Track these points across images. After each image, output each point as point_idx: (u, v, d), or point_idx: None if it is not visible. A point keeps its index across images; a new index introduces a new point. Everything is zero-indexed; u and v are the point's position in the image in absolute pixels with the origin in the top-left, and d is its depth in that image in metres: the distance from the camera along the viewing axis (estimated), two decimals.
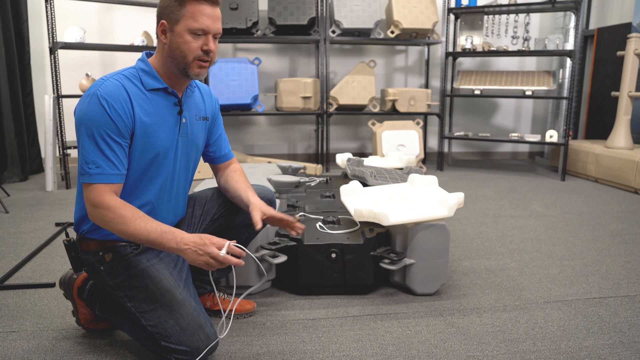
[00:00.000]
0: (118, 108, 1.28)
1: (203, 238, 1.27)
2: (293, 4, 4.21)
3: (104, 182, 1.27)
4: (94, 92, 1.27)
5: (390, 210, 1.85)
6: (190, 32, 1.30)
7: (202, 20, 1.30)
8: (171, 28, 1.32)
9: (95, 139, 1.27)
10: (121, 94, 1.30)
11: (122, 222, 1.26)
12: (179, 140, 1.43)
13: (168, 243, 1.27)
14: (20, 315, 1.72)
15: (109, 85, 1.29)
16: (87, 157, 1.27)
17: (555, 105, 4.94)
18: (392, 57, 5.10)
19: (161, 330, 1.34)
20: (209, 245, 1.26)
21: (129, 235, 1.27)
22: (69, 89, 4.36)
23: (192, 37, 1.31)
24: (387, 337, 1.60)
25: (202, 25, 1.30)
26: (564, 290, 1.98)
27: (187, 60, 1.33)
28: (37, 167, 4.44)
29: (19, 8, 4.17)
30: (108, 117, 1.26)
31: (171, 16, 1.31)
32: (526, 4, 4.29)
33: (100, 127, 1.26)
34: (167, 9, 1.31)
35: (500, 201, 3.48)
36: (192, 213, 1.61)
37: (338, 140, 5.14)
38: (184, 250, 1.26)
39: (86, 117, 1.27)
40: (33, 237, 2.59)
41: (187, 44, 1.31)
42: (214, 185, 1.97)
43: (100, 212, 1.27)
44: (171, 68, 1.36)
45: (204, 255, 1.25)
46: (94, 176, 1.27)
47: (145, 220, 1.28)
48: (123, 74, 1.34)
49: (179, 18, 1.30)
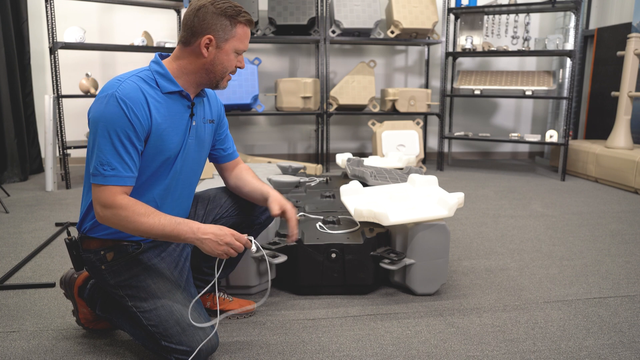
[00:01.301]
0: (136, 110, 1.28)
1: (223, 229, 1.33)
2: (293, 4, 4.22)
3: (117, 184, 1.28)
4: (112, 94, 1.27)
5: (390, 210, 1.85)
6: (235, 51, 1.40)
7: (246, 42, 1.42)
8: (218, 45, 1.37)
9: (113, 141, 1.26)
10: (139, 96, 1.30)
11: (136, 219, 1.27)
12: (188, 143, 1.44)
13: (184, 234, 1.30)
14: (20, 315, 1.72)
15: (126, 87, 1.29)
16: (103, 159, 1.26)
17: (555, 105, 4.94)
18: (392, 57, 5.10)
19: (162, 330, 1.34)
20: (229, 236, 1.32)
21: (144, 231, 1.28)
22: (69, 89, 4.36)
23: (235, 55, 1.41)
24: (387, 337, 1.60)
25: (245, 47, 1.43)
26: (564, 290, 1.98)
27: (224, 76, 1.42)
28: (37, 167, 4.44)
29: (19, 8, 4.17)
30: (127, 119, 1.26)
31: (221, 34, 1.36)
32: (526, 4, 4.29)
33: (118, 128, 1.26)
34: (216, 26, 1.35)
35: (500, 201, 3.48)
36: (195, 213, 1.61)
37: (338, 140, 5.14)
38: (202, 240, 1.30)
39: (104, 117, 1.26)
40: (33, 237, 2.59)
41: (230, 62, 1.40)
42: (215, 185, 1.98)
43: (113, 212, 1.27)
44: (201, 79, 1.41)
45: (223, 246, 1.31)
46: (108, 178, 1.26)
47: (158, 215, 1.30)
48: (139, 76, 1.34)
49: (228, 37, 1.38)
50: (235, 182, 1.64)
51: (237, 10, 1.37)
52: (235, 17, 1.36)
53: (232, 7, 1.36)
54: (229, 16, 1.35)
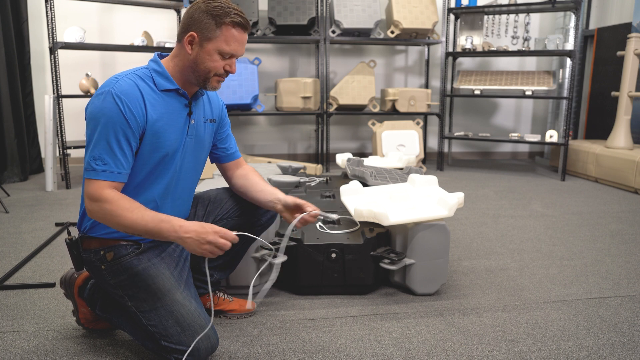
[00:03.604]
0: (132, 107, 1.28)
1: (205, 227, 1.27)
2: (293, 4, 4.22)
3: (107, 179, 1.27)
4: (109, 90, 1.28)
5: (390, 210, 1.85)
6: (219, 53, 1.35)
7: (233, 46, 1.35)
8: (201, 44, 1.34)
9: (107, 136, 1.26)
10: (135, 93, 1.30)
11: (120, 213, 1.25)
12: (187, 141, 1.44)
13: (166, 232, 1.26)
14: (20, 315, 1.72)
15: (123, 84, 1.30)
16: (96, 154, 1.27)
17: (555, 105, 4.94)
18: (392, 57, 5.10)
19: (161, 330, 1.34)
20: (212, 234, 1.26)
21: (127, 226, 1.26)
22: (69, 89, 4.36)
23: (220, 57, 1.35)
24: (387, 337, 1.60)
25: (232, 50, 1.35)
26: (564, 290, 1.98)
27: (208, 76, 1.37)
28: (37, 167, 4.44)
29: (19, 8, 4.17)
30: (122, 116, 1.27)
31: (204, 32, 1.33)
32: (526, 4, 4.29)
33: (113, 124, 1.26)
34: (200, 23, 1.32)
35: (500, 201, 3.48)
36: (195, 213, 1.61)
37: (338, 140, 5.14)
38: (184, 239, 1.26)
39: (100, 113, 1.27)
40: (33, 237, 2.59)
41: (213, 63, 1.35)
42: (215, 185, 1.98)
43: (100, 205, 1.26)
44: (189, 77, 1.39)
45: (206, 244, 1.25)
46: (99, 172, 1.27)
47: (143, 211, 1.27)
48: (136, 74, 1.35)
49: (211, 37, 1.33)
50: (241, 183, 1.62)
51: (226, 11, 1.32)
52: (221, 17, 1.31)
53: (222, 7, 1.32)
54: (214, 15, 1.31)
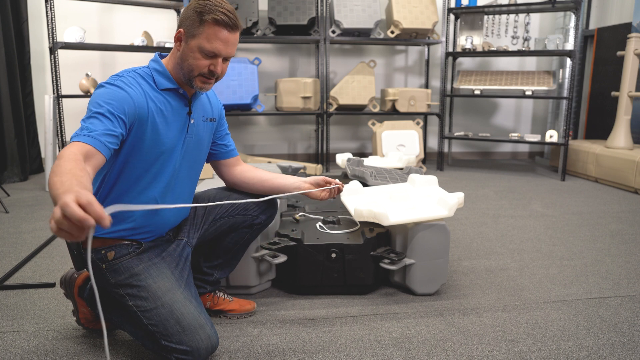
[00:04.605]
0: (132, 95, 1.30)
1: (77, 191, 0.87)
2: (293, 4, 4.21)
3: (80, 141, 1.16)
4: (109, 81, 1.31)
5: (390, 210, 1.85)
6: (200, 50, 1.33)
7: (215, 44, 1.33)
8: (186, 40, 1.34)
9: (99, 109, 1.23)
10: (137, 88, 1.33)
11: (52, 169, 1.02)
12: (186, 140, 1.45)
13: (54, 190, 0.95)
14: (20, 315, 1.72)
15: (125, 79, 1.33)
16: (84, 125, 1.21)
17: (555, 105, 4.94)
18: (392, 57, 5.10)
19: (162, 330, 1.34)
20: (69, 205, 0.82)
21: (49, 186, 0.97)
22: (69, 89, 4.36)
23: (202, 55, 1.34)
24: (387, 337, 1.60)
25: (213, 49, 1.33)
26: (564, 290, 1.98)
27: (192, 74, 1.36)
28: (37, 167, 4.44)
29: (19, 8, 4.17)
30: (119, 96, 1.27)
31: (190, 29, 1.33)
32: (526, 4, 4.29)
33: (108, 100, 1.25)
34: (188, 20, 1.33)
35: (500, 201, 3.48)
36: (195, 213, 1.61)
37: (338, 140, 5.14)
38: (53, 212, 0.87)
39: (99, 93, 1.28)
40: (33, 237, 2.59)
41: (195, 60, 1.34)
42: (215, 185, 1.97)
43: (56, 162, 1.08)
44: (180, 74, 1.39)
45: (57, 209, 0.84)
46: (79, 136, 1.18)
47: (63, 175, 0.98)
48: (137, 72, 1.37)
49: (195, 34, 1.33)
50: (240, 178, 1.65)
51: (211, 9, 1.30)
52: (204, 14, 1.30)
53: (209, 4, 1.31)
54: (198, 12, 1.31)
